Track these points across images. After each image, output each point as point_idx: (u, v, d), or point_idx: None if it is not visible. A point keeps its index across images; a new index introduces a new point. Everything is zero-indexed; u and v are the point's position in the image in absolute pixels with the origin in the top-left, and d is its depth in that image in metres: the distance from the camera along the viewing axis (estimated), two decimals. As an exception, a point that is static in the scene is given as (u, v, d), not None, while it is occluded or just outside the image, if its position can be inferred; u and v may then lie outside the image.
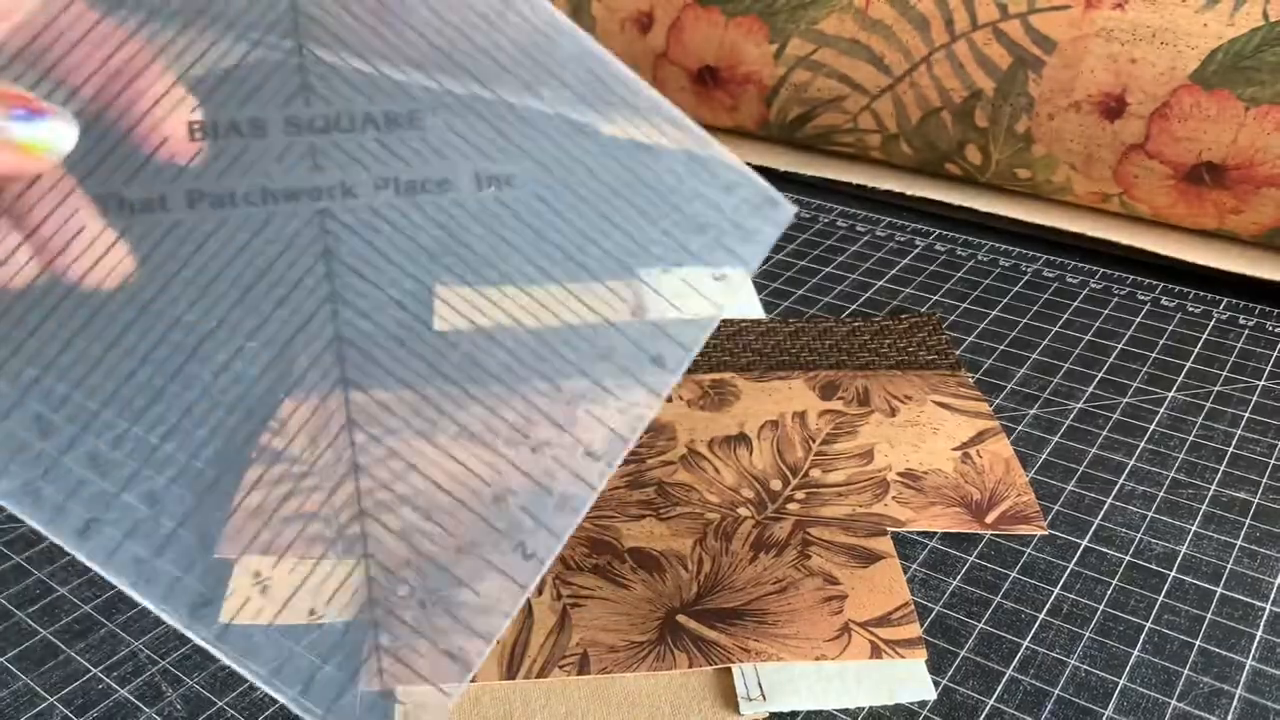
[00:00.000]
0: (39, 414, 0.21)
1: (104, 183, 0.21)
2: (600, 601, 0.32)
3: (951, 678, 0.30)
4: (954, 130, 0.54)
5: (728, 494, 0.36)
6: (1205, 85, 0.46)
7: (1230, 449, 0.38)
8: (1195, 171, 0.48)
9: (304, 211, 0.22)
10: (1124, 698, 0.29)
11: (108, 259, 0.21)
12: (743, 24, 0.58)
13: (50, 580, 0.34)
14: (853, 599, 0.32)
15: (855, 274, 0.50)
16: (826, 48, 0.56)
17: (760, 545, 0.34)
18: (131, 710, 0.29)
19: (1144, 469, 0.37)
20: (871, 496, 0.36)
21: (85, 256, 0.21)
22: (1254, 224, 0.49)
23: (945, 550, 0.34)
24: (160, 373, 0.22)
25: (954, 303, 0.47)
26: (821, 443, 0.38)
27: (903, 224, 0.54)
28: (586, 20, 0.63)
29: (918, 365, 0.43)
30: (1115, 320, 0.46)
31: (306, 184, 0.22)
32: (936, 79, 0.53)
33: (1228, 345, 0.44)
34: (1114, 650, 0.31)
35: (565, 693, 0.30)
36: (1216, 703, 0.29)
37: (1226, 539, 0.34)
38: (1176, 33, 0.47)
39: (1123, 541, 0.34)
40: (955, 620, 0.32)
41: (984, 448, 0.38)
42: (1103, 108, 0.49)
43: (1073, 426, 0.39)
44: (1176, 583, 0.33)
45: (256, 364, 0.22)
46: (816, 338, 0.44)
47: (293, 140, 0.22)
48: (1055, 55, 0.49)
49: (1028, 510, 0.35)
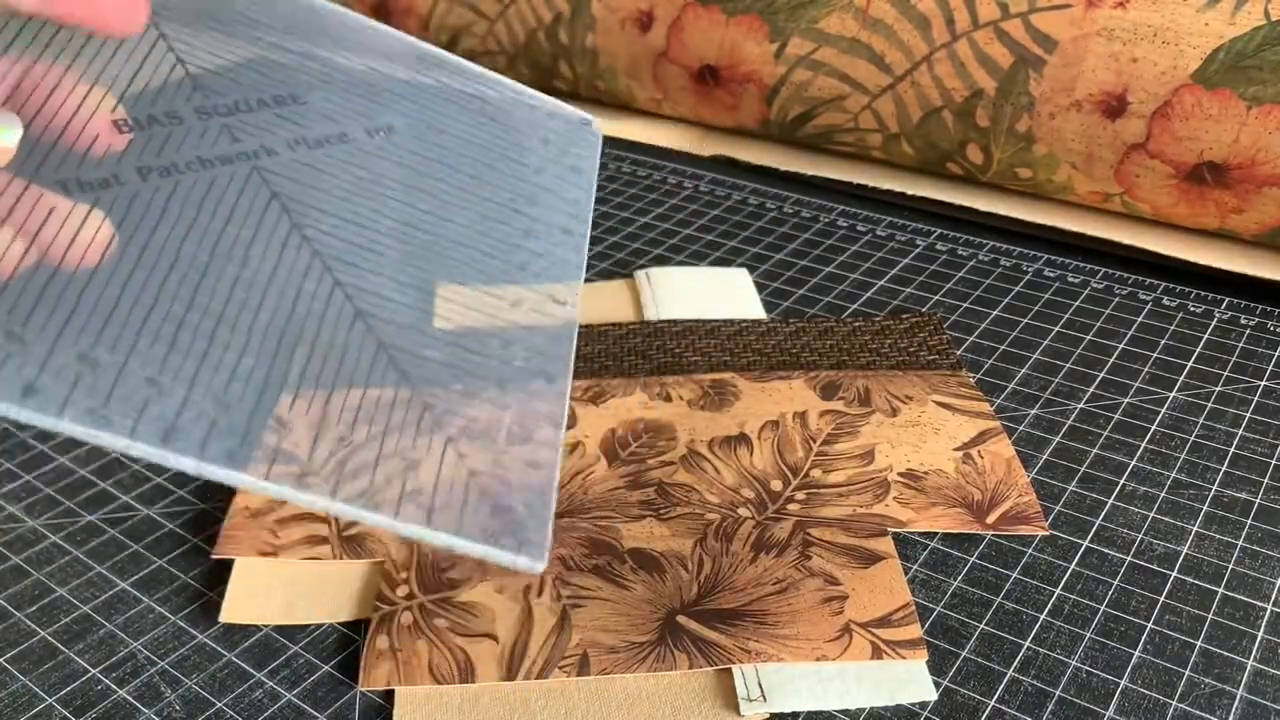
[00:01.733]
0: (83, 353, 0.21)
1: (58, 170, 0.23)
2: (600, 602, 0.32)
3: (952, 678, 0.30)
4: (955, 130, 0.54)
5: (728, 494, 0.36)
6: (1207, 84, 0.46)
7: (1232, 449, 0.38)
8: (1197, 171, 0.48)
9: (241, 170, 0.25)
10: (1125, 698, 0.29)
11: (85, 231, 0.22)
12: (743, 23, 0.58)
13: (49, 581, 0.34)
14: (853, 600, 0.32)
15: (856, 274, 0.50)
16: (827, 47, 0.55)
17: (761, 546, 0.34)
18: (130, 711, 0.29)
19: (1145, 469, 0.37)
20: (872, 497, 0.36)
21: (65, 232, 0.22)
22: (1256, 224, 0.49)
23: (946, 551, 0.34)
24: (177, 305, 0.23)
25: (955, 303, 0.47)
26: (822, 443, 0.38)
27: (903, 224, 0.54)
28: (586, 19, 0.63)
29: (919, 365, 0.43)
30: (1116, 320, 0.46)
31: (233, 151, 0.26)
32: (937, 78, 0.53)
33: (1229, 345, 0.44)
34: (1115, 651, 0.30)
35: (565, 693, 0.29)
36: (1218, 703, 0.29)
37: (1228, 539, 0.34)
38: (1178, 32, 0.47)
39: (1124, 542, 0.34)
40: (956, 621, 0.32)
41: (985, 448, 0.38)
42: (1104, 107, 0.49)
43: (1074, 427, 0.39)
44: (1178, 583, 0.33)
45: (257, 289, 0.24)
46: (817, 338, 0.44)
47: (206, 123, 0.26)
48: (1056, 54, 0.49)
49: (1029, 511, 0.35)
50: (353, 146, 0.27)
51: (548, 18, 0.65)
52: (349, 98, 0.28)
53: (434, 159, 0.28)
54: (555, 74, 0.67)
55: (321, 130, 0.27)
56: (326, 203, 0.26)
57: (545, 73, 0.68)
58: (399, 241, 0.26)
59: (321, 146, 0.27)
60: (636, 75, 0.63)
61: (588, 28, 0.63)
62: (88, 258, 0.22)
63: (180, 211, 0.24)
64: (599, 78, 0.65)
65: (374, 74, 0.29)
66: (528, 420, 0.25)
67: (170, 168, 0.25)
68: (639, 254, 0.52)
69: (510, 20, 0.66)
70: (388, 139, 0.28)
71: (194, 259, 0.23)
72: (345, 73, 0.29)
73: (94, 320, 0.21)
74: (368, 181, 0.27)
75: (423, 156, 0.28)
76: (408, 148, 0.28)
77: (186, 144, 0.25)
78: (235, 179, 0.25)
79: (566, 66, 0.66)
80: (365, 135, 0.28)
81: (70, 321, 0.21)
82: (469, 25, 0.68)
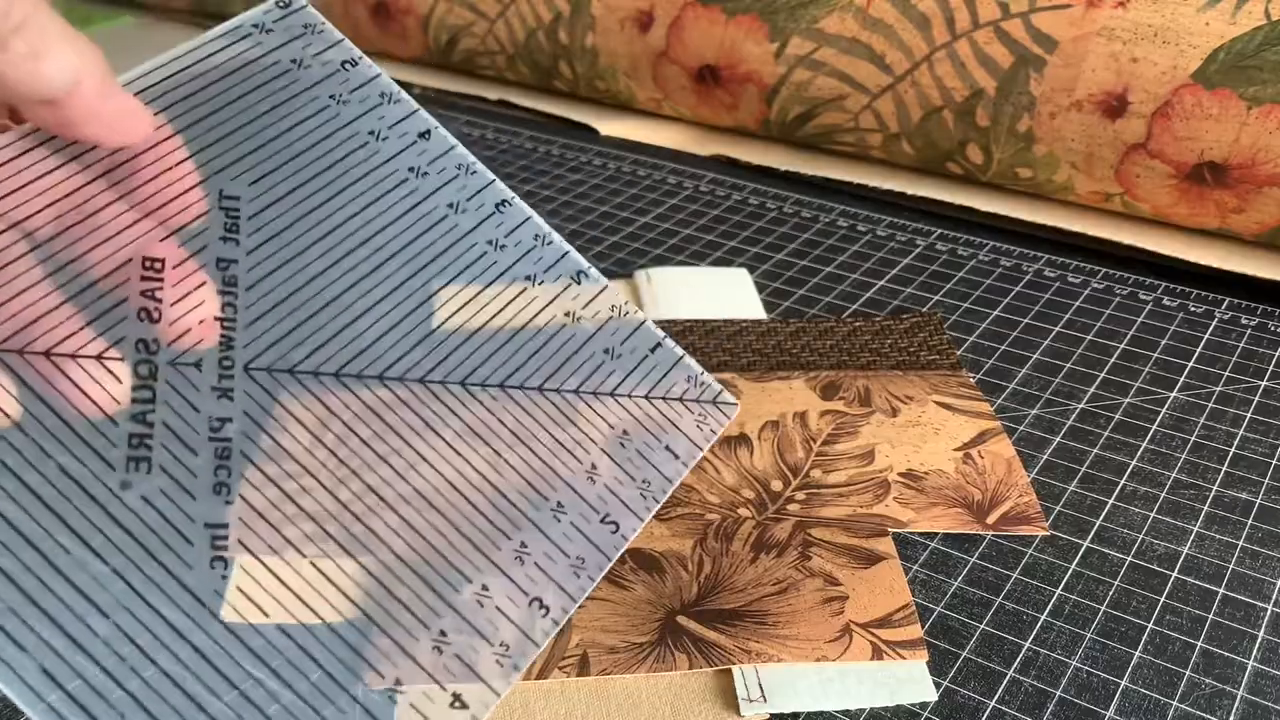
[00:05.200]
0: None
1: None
2: (600, 602, 0.32)
3: (953, 679, 0.30)
4: (955, 129, 0.54)
5: (728, 494, 0.36)
6: (1207, 84, 0.46)
7: (1232, 449, 0.38)
8: (1197, 171, 0.48)
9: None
10: (1125, 699, 0.29)
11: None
12: (743, 23, 0.58)
13: (49, 581, 0.34)
14: (854, 600, 0.32)
15: (856, 274, 0.50)
16: (827, 47, 0.55)
17: (761, 546, 0.34)
18: (130, 711, 0.29)
19: (1146, 469, 0.37)
20: (872, 497, 0.36)
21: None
22: (1256, 224, 0.49)
23: (946, 551, 0.34)
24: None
25: (955, 303, 0.47)
26: (822, 443, 0.38)
27: (904, 224, 0.54)
28: (586, 19, 0.63)
29: (919, 365, 0.42)
30: (1117, 320, 0.46)
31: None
32: (938, 78, 0.53)
33: (1229, 345, 0.44)
34: (1115, 651, 0.30)
35: (565, 694, 0.29)
36: (1218, 704, 0.29)
37: (1228, 540, 0.34)
38: (1178, 32, 0.47)
39: (1124, 542, 0.34)
40: (956, 621, 0.32)
41: (985, 448, 0.38)
42: (1104, 107, 0.49)
43: (1074, 427, 0.39)
44: (1178, 584, 0.33)
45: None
46: (817, 338, 0.44)
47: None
48: (1057, 54, 0.49)
49: (1029, 511, 0.35)
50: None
51: (548, 18, 0.65)
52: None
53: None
54: (555, 74, 0.67)
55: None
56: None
57: (545, 73, 0.68)
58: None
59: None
60: (636, 75, 0.63)
61: (588, 28, 0.63)
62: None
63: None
64: (599, 78, 0.65)
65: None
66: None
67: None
68: (639, 254, 0.52)
69: (510, 20, 0.66)
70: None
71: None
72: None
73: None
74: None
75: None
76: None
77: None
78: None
79: (566, 66, 0.66)
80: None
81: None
82: (469, 25, 0.68)
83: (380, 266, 0.26)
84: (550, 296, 0.28)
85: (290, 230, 0.26)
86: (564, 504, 0.26)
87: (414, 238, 0.27)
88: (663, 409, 0.28)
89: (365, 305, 0.26)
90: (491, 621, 0.24)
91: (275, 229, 0.25)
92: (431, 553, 0.24)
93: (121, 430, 0.22)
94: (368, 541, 0.24)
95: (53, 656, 0.20)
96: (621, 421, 0.28)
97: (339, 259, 0.26)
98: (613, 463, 0.27)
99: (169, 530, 0.22)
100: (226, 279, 0.24)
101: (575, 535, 0.26)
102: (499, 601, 0.24)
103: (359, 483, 0.24)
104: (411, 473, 0.25)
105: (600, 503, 0.26)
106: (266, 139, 0.26)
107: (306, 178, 0.26)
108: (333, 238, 0.26)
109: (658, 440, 0.28)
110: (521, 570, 0.25)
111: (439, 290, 0.27)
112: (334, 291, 0.25)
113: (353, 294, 0.26)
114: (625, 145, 0.64)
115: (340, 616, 0.23)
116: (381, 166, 0.27)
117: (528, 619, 0.24)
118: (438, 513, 0.25)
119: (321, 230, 0.26)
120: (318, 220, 0.26)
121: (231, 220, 0.25)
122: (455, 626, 0.24)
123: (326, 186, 0.26)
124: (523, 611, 0.24)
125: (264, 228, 0.25)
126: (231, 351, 0.24)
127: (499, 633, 0.24)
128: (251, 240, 0.25)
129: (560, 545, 0.25)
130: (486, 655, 0.24)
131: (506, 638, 0.24)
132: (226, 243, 0.25)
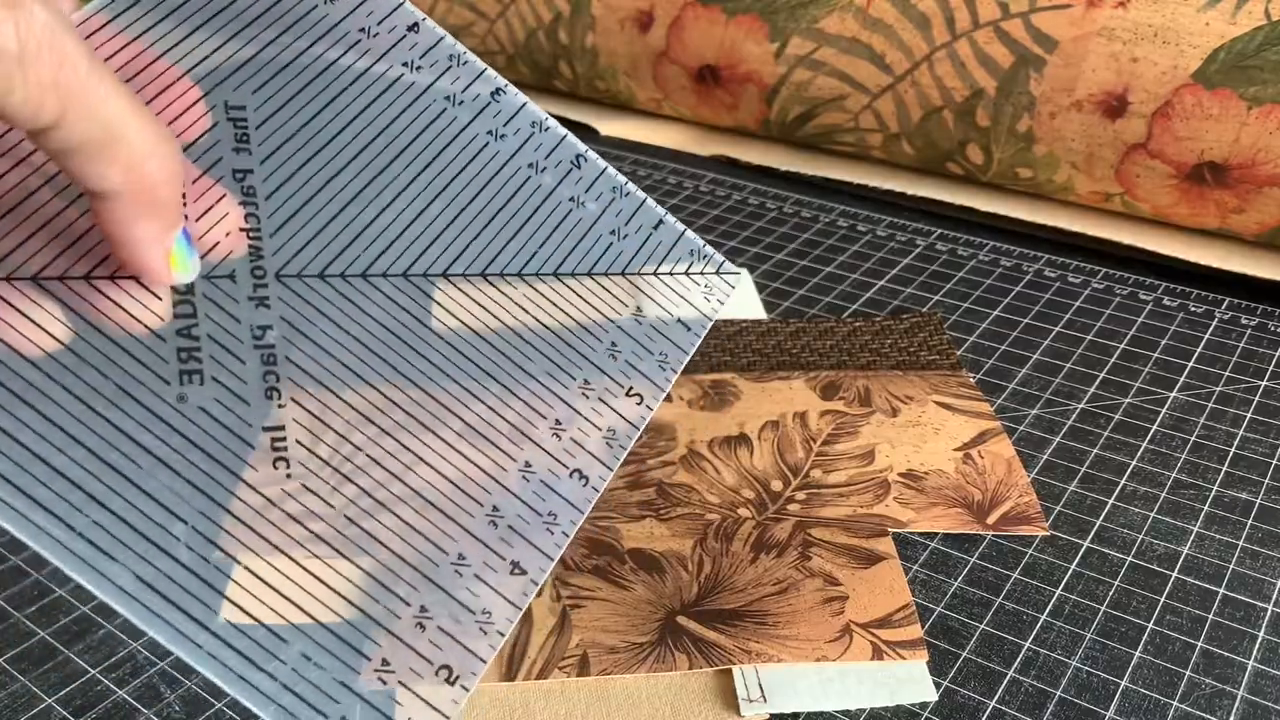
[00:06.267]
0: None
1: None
2: (600, 602, 0.32)
3: (953, 679, 0.30)
4: (955, 129, 0.54)
5: (728, 495, 0.36)
6: (1207, 84, 0.46)
7: (1232, 449, 0.38)
8: (1197, 171, 0.48)
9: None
10: (1125, 699, 0.29)
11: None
12: (743, 23, 0.58)
13: (49, 581, 0.34)
14: (854, 600, 0.32)
15: (856, 274, 0.50)
16: (827, 47, 0.55)
17: (761, 546, 0.34)
18: (130, 711, 0.29)
19: (1146, 469, 0.37)
20: (872, 497, 0.36)
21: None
22: (1256, 223, 0.49)
23: (946, 551, 0.34)
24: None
25: (955, 303, 0.47)
26: (822, 443, 0.38)
27: (904, 224, 0.54)
28: (586, 19, 0.63)
29: (919, 365, 0.42)
30: (1117, 320, 0.46)
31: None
32: (938, 78, 0.53)
33: (1230, 345, 0.44)
34: (1116, 651, 0.30)
35: (565, 694, 0.29)
36: (1218, 704, 0.29)
37: (1228, 540, 0.34)
38: (1178, 32, 0.47)
39: (1124, 542, 0.34)
40: (957, 621, 0.32)
41: (985, 448, 0.38)
42: (1104, 107, 0.49)
43: (1074, 427, 0.39)
44: (1178, 584, 0.33)
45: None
46: (817, 338, 0.44)
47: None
48: (1057, 54, 0.49)
49: (1029, 511, 0.35)
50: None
51: (548, 18, 0.65)
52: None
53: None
54: (555, 74, 0.67)
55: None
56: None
57: (545, 73, 0.68)
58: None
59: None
60: (636, 75, 0.63)
61: (588, 28, 0.63)
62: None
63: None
64: (599, 78, 0.65)
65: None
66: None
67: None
68: (639, 254, 0.52)
69: (510, 20, 0.66)
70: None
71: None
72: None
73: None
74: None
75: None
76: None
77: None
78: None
79: (566, 66, 0.66)
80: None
81: None
82: (469, 25, 0.68)
83: (388, 166, 0.27)
84: (554, 183, 0.29)
85: (299, 136, 0.26)
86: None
87: (416, 134, 0.27)
88: (670, 283, 0.29)
89: (380, 205, 0.26)
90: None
91: (284, 135, 0.26)
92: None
93: (170, 346, 0.23)
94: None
95: (143, 563, 0.21)
96: (635, 299, 0.29)
97: (348, 161, 0.26)
98: (631, 339, 0.28)
99: (230, 436, 0.23)
100: (245, 189, 0.25)
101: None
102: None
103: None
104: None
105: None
106: (261, 45, 0.26)
107: (305, 81, 0.26)
108: (339, 140, 0.26)
109: (670, 314, 0.29)
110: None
111: (448, 185, 0.27)
112: (349, 194, 0.26)
113: (367, 195, 0.26)
114: (625, 145, 0.64)
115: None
116: (375, 65, 0.27)
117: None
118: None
119: (328, 134, 0.26)
120: (323, 124, 0.26)
121: (241, 130, 0.25)
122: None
123: (325, 90, 0.26)
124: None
125: (272, 135, 0.25)
126: (262, 260, 0.24)
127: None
128: (263, 149, 0.25)
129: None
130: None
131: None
132: (239, 153, 0.25)
